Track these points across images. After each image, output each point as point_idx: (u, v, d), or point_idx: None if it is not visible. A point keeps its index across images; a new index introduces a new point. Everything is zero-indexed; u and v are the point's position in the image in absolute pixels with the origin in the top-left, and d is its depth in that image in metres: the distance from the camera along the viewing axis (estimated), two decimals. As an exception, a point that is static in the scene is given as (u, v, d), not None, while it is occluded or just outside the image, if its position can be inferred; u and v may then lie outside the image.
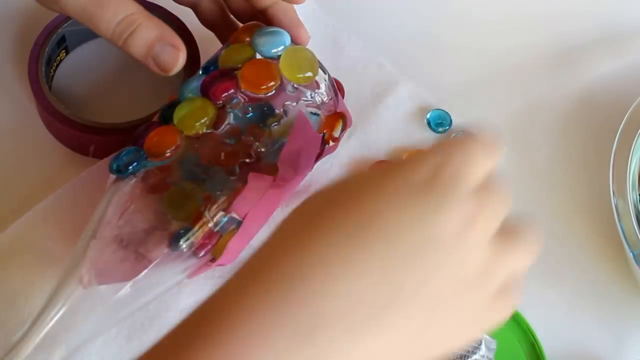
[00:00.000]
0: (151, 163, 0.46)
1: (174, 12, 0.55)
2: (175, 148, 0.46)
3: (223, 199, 0.45)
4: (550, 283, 0.55)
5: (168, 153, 0.46)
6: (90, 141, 0.53)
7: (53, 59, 0.56)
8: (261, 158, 0.46)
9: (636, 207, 0.54)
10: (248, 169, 0.46)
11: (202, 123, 0.46)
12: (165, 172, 0.46)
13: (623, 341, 0.54)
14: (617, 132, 0.55)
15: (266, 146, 0.47)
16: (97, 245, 0.44)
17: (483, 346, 0.49)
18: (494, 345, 0.50)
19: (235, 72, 0.48)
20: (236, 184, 0.45)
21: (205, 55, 0.54)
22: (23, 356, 0.43)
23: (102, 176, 0.47)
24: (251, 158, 0.46)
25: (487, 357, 0.50)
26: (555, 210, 0.57)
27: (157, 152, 0.46)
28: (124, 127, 0.52)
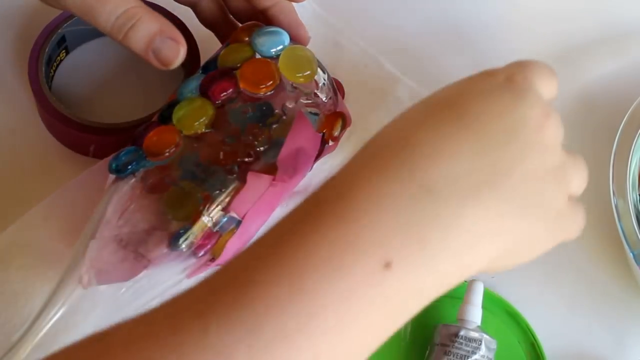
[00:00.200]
0: (150, 163, 0.46)
1: (174, 12, 0.55)
2: (174, 148, 0.46)
3: (222, 199, 0.45)
4: (550, 283, 0.55)
5: (167, 153, 0.46)
6: (90, 141, 0.53)
7: (53, 59, 0.56)
8: (260, 157, 0.46)
9: (636, 207, 0.54)
10: (247, 169, 0.46)
11: (201, 123, 0.46)
12: (164, 172, 0.46)
13: (623, 341, 0.54)
14: (617, 132, 0.55)
15: (265, 146, 0.47)
16: (97, 245, 0.44)
17: (483, 346, 0.49)
18: (494, 345, 0.50)
19: (234, 72, 0.48)
20: (235, 184, 0.46)
21: (205, 55, 0.54)
22: (23, 356, 0.43)
23: (102, 176, 0.47)
24: (250, 157, 0.46)
25: (487, 357, 0.50)
26: (555, 210, 0.57)
27: (157, 152, 0.46)
28: (124, 127, 0.52)
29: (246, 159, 0.46)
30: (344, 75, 0.55)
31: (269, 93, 0.47)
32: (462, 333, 0.49)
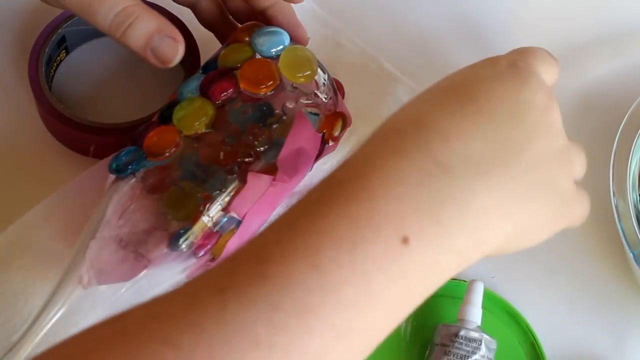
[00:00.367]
0: (150, 163, 0.46)
1: (174, 12, 0.55)
2: (174, 148, 0.46)
3: (222, 199, 0.45)
4: (550, 283, 0.55)
5: (167, 153, 0.46)
6: (90, 141, 0.53)
7: (53, 59, 0.56)
8: (260, 158, 0.46)
9: (636, 208, 0.54)
10: (247, 169, 0.46)
11: (202, 123, 0.46)
12: (164, 172, 0.46)
13: (623, 341, 0.54)
14: (617, 132, 0.55)
15: (265, 146, 0.47)
16: (97, 245, 0.44)
17: (483, 346, 0.49)
18: (494, 345, 0.50)
19: (234, 72, 0.48)
20: (236, 184, 0.46)
21: (205, 55, 0.54)
22: (23, 356, 0.43)
23: (102, 176, 0.47)
24: (250, 158, 0.46)
25: (487, 357, 0.50)
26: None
27: (157, 152, 0.46)
28: (124, 127, 0.52)
29: (246, 159, 0.46)
30: (344, 75, 0.55)
31: (269, 93, 0.47)
32: (462, 333, 0.49)
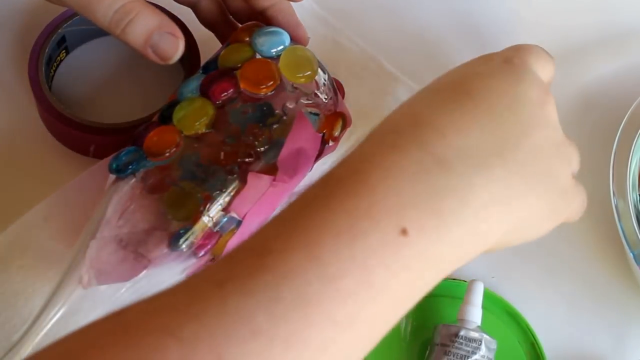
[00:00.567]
0: (151, 163, 0.46)
1: (174, 12, 0.55)
2: (174, 148, 0.46)
3: (222, 199, 0.45)
4: (550, 283, 0.55)
5: (167, 153, 0.46)
6: (90, 141, 0.53)
7: (53, 59, 0.56)
8: (261, 158, 0.46)
9: (636, 208, 0.54)
10: (247, 169, 0.46)
11: (202, 123, 0.46)
12: (164, 172, 0.46)
13: (623, 341, 0.54)
14: (617, 132, 0.55)
15: (265, 146, 0.47)
16: (97, 245, 0.44)
17: (483, 346, 0.49)
18: (494, 345, 0.50)
19: (234, 72, 0.48)
20: (236, 184, 0.46)
21: (205, 55, 0.54)
22: (23, 356, 0.43)
23: (102, 176, 0.47)
24: (251, 158, 0.46)
25: (487, 357, 0.50)
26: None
27: (157, 152, 0.46)
28: (124, 127, 0.52)
29: (246, 159, 0.46)
30: (344, 75, 0.55)
31: (270, 93, 0.47)
32: (462, 333, 0.49)
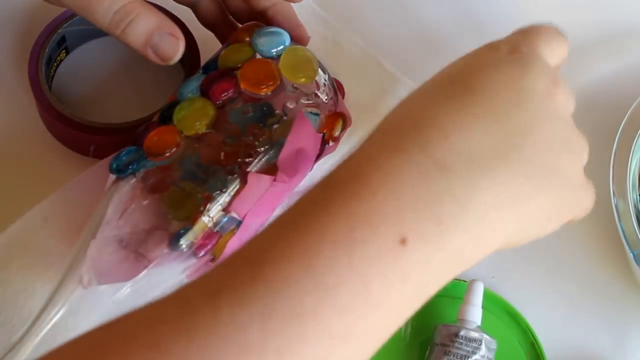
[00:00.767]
0: (151, 163, 0.46)
1: (174, 12, 0.55)
2: (175, 148, 0.46)
3: (223, 199, 0.45)
4: (550, 283, 0.55)
5: (168, 153, 0.46)
6: (90, 141, 0.53)
7: (53, 59, 0.56)
8: (261, 158, 0.46)
9: (636, 207, 0.54)
10: (247, 169, 0.46)
11: (202, 123, 0.46)
12: (165, 172, 0.46)
13: (623, 341, 0.54)
14: (617, 132, 0.55)
15: (266, 146, 0.47)
16: (97, 245, 0.44)
17: (483, 346, 0.49)
18: (494, 345, 0.50)
19: (235, 72, 0.48)
20: (236, 184, 0.46)
21: (205, 55, 0.54)
22: (23, 356, 0.43)
23: (102, 176, 0.47)
24: (251, 158, 0.46)
25: (487, 357, 0.50)
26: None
27: (157, 152, 0.46)
28: (124, 127, 0.52)
29: (247, 159, 0.46)
30: (344, 75, 0.55)
31: (270, 93, 0.47)
32: (462, 333, 0.49)
